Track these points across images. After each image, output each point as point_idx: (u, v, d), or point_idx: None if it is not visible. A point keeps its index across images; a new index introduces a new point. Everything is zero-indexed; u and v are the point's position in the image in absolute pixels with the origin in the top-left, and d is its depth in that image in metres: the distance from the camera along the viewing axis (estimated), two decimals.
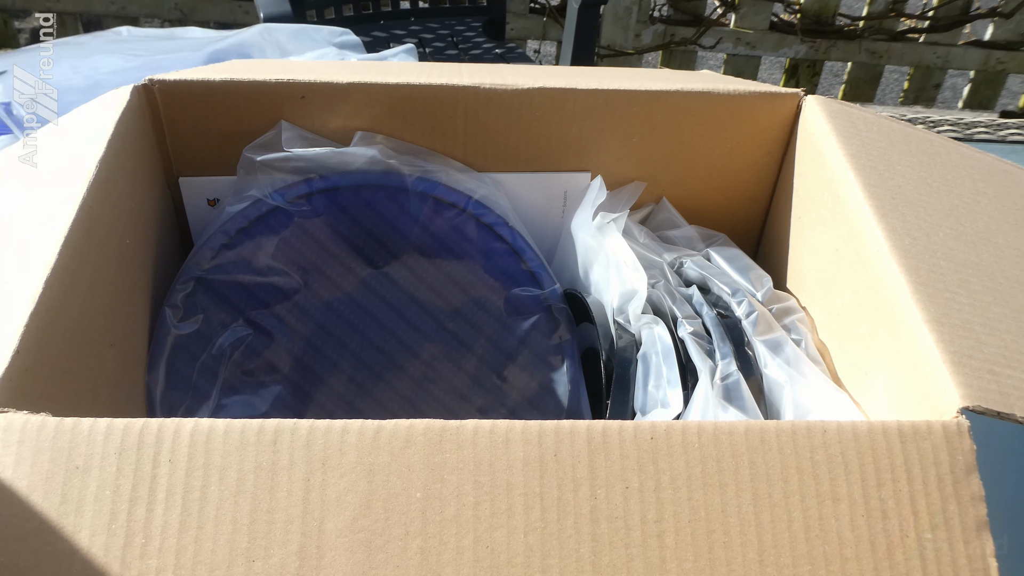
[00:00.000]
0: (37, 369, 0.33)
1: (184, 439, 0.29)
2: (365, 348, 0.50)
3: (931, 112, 2.18)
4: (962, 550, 0.30)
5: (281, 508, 0.28)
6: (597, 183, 0.53)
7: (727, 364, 0.44)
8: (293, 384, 0.48)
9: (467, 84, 0.51)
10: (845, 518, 0.30)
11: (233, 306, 0.49)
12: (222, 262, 0.49)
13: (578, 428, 0.31)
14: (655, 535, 0.29)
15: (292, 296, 0.49)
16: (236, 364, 0.48)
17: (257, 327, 0.49)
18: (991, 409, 0.32)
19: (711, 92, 0.52)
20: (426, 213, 0.51)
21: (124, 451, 0.29)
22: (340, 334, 0.50)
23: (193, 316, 0.48)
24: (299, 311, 0.49)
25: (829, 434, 0.31)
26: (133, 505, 0.28)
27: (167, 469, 0.28)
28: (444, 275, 0.51)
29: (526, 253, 0.52)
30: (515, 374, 0.51)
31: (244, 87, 0.50)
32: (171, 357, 0.47)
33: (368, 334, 0.50)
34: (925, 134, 0.51)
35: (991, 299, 0.39)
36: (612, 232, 0.51)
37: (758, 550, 0.29)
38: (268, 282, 0.49)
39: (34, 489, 0.28)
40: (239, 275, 0.49)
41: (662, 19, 2.19)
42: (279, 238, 0.50)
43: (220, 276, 0.49)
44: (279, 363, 0.49)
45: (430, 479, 0.29)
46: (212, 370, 0.47)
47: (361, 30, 1.63)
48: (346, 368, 0.49)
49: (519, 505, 0.29)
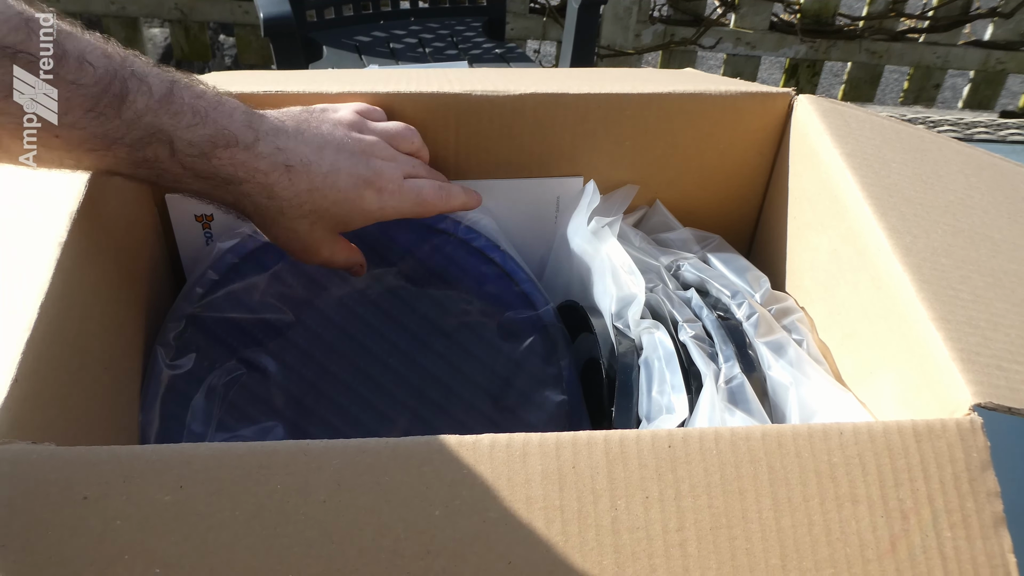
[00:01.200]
0: (35, 397, 0.32)
1: (197, 464, 0.28)
2: (361, 382, 0.49)
3: (931, 112, 2.20)
4: (980, 547, 0.30)
5: (299, 532, 0.28)
6: (591, 188, 0.53)
7: (730, 367, 0.44)
8: (289, 422, 0.47)
9: (458, 91, 0.50)
10: (865, 520, 0.30)
11: (225, 344, 0.48)
12: (213, 300, 0.48)
13: (595, 439, 0.30)
14: (677, 544, 0.29)
15: (284, 332, 0.49)
16: (230, 404, 0.47)
17: (250, 364, 0.48)
18: (1002, 405, 0.33)
19: (703, 94, 0.52)
20: (414, 241, 0.51)
21: (133, 478, 0.28)
22: (335, 369, 0.49)
23: (185, 355, 0.47)
24: (292, 347, 0.48)
25: (845, 436, 0.31)
26: (146, 534, 0.27)
27: (180, 495, 0.28)
28: (436, 303, 0.51)
29: (518, 275, 0.52)
30: (513, 399, 0.50)
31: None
32: (165, 397, 0.45)
33: (363, 367, 0.49)
34: (916, 130, 0.52)
35: (993, 294, 0.39)
36: (608, 237, 0.51)
37: (780, 555, 0.29)
38: (260, 318, 0.48)
39: (42, 522, 0.27)
40: (230, 312, 0.48)
41: (662, 19, 2.19)
42: (269, 274, 0.49)
43: (211, 314, 0.48)
44: (274, 401, 0.47)
45: (449, 496, 0.29)
46: (206, 411, 0.46)
47: (361, 30, 1.62)
48: (342, 403, 0.48)
49: (539, 519, 0.29)
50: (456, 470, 0.29)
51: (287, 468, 0.28)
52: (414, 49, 1.58)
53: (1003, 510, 0.31)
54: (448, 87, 0.51)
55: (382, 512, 0.28)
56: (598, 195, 0.53)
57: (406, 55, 1.56)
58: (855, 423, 0.32)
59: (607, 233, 0.51)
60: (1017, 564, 0.30)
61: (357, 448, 0.29)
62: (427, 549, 0.28)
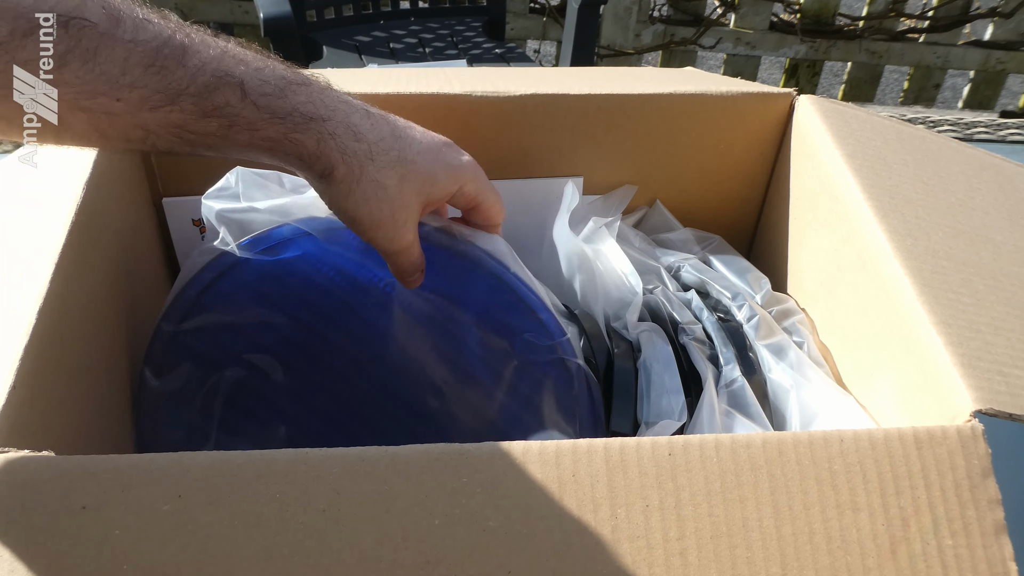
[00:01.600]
0: (33, 403, 0.32)
1: (195, 473, 0.28)
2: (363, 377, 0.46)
3: (931, 112, 2.19)
4: (982, 554, 0.30)
5: (298, 541, 0.27)
6: (570, 188, 0.52)
7: (731, 369, 0.44)
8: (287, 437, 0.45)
9: (458, 92, 0.50)
10: (866, 528, 0.30)
11: (211, 361, 0.45)
12: (196, 318, 0.45)
13: (595, 447, 0.30)
14: (678, 553, 0.29)
15: (271, 345, 0.46)
16: (223, 422, 0.45)
17: (239, 381, 0.45)
18: (1003, 411, 0.32)
19: (704, 94, 0.52)
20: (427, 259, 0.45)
21: (132, 488, 0.28)
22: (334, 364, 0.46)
23: (172, 372, 0.45)
24: (279, 360, 0.45)
25: (846, 443, 0.31)
26: (144, 544, 0.27)
27: (179, 505, 0.28)
28: (444, 329, 0.47)
29: (533, 301, 0.46)
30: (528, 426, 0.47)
31: None
32: (156, 417, 0.44)
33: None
34: (917, 131, 0.52)
35: (994, 298, 0.39)
36: (605, 237, 0.51)
37: (781, 564, 0.29)
38: (246, 333, 0.45)
39: (40, 531, 0.27)
40: (214, 331, 0.45)
41: (662, 19, 2.19)
42: (253, 290, 0.45)
43: (194, 332, 0.45)
44: (265, 414, 0.45)
45: (449, 504, 0.29)
46: (201, 429, 0.44)
47: (361, 30, 1.61)
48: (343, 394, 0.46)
49: (540, 528, 0.29)
50: (456, 479, 0.29)
51: (286, 477, 0.28)
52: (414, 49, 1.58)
53: (1004, 517, 0.31)
54: (448, 88, 0.50)
55: (381, 521, 0.28)
56: (577, 195, 0.52)
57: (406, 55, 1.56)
58: (855, 430, 0.32)
59: (604, 234, 0.51)
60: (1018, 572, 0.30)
61: (356, 457, 0.29)
62: (426, 559, 0.28)
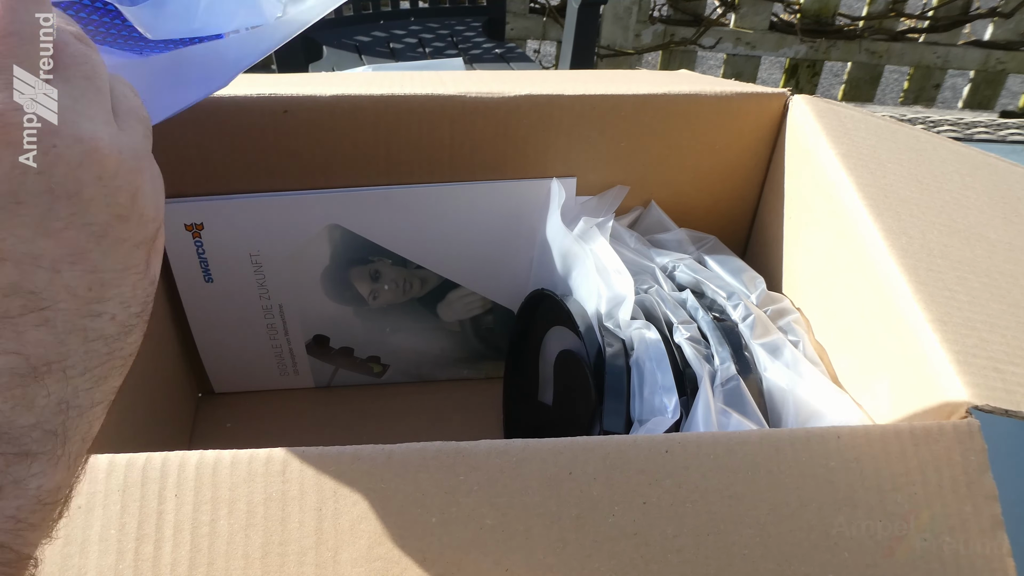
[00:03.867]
0: None
1: (190, 472, 0.28)
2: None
3: (931, 112, 2.20)
4: (979, 550, 0.30)
5: (294, 540, 0.27)
6: (556, 187, 0.52)
7: (726, 368, 0.44)
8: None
9: (453, 93, 0.50)
10: (863, 524, 0.30)
11: None
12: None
13: (592, 445, 0.30)
14: (675, 550, 0.29)
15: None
16: None
17: None
18: (999, 407, 0.32)
19: (698, 94, 0.52)
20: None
21: (128, 488, 0.28)
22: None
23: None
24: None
25: (843, 440, 0.31)
26: (140, 543, 0.27)
27: (174, 504, 0.27)
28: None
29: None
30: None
31: (224, 102, 0.48)
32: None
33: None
34: (911, 130, 0.52)
35: (989, 295, 0.39)
36: (596, 236, 0.51)
37: (778, 561, 0.29)
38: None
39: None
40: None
41: (662, 19, 2.19)
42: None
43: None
44: None
45: (445, 503, 0.29)
46: None
47: (361, 30, 1.61)
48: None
49: (537, 526, 0.29)
50: (452, 477, 0.29)
51: (281, 476, 0.28)
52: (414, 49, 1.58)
53: (1001, 513, 0.31)
54: (442, 89, 0.50)
55: (377, 520, 0.28)
56: (563, 192, 0.52)
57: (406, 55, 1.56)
58: (852, 427, 0.32)
59: (595, 233, 0.51)
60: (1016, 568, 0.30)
61: (352, 455, 0.29)
62: (423, 557, 0.28)
